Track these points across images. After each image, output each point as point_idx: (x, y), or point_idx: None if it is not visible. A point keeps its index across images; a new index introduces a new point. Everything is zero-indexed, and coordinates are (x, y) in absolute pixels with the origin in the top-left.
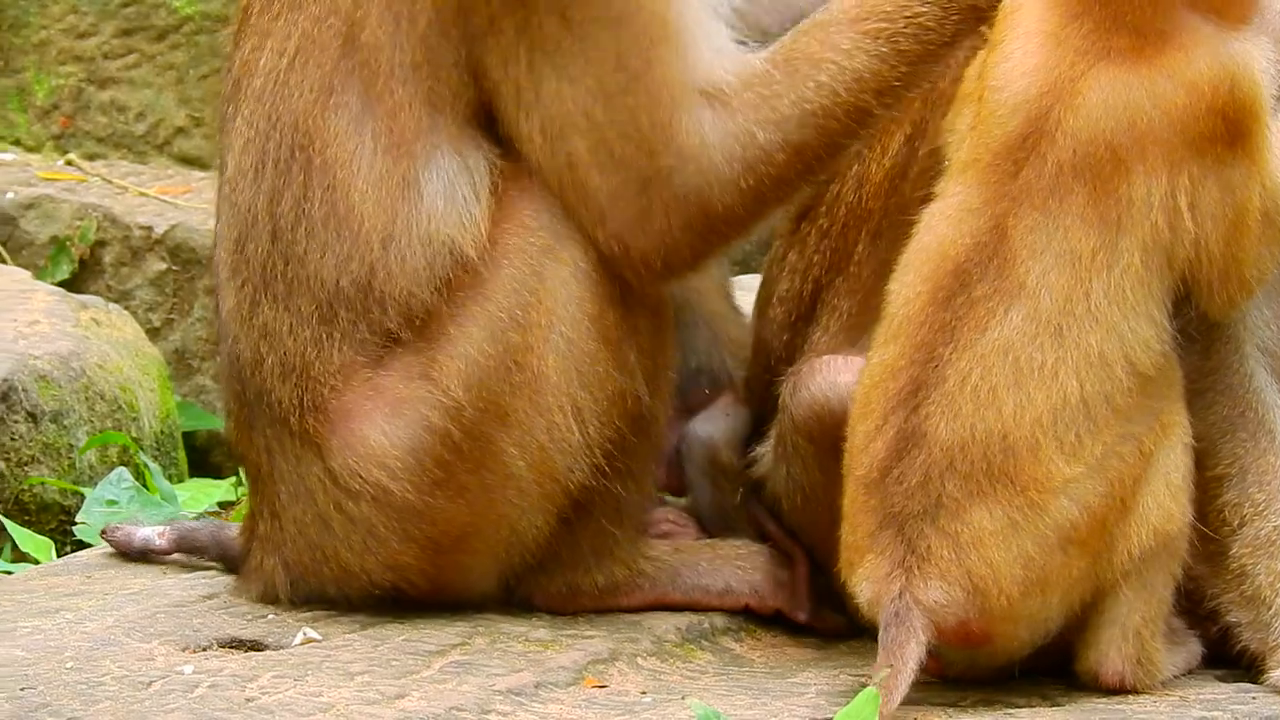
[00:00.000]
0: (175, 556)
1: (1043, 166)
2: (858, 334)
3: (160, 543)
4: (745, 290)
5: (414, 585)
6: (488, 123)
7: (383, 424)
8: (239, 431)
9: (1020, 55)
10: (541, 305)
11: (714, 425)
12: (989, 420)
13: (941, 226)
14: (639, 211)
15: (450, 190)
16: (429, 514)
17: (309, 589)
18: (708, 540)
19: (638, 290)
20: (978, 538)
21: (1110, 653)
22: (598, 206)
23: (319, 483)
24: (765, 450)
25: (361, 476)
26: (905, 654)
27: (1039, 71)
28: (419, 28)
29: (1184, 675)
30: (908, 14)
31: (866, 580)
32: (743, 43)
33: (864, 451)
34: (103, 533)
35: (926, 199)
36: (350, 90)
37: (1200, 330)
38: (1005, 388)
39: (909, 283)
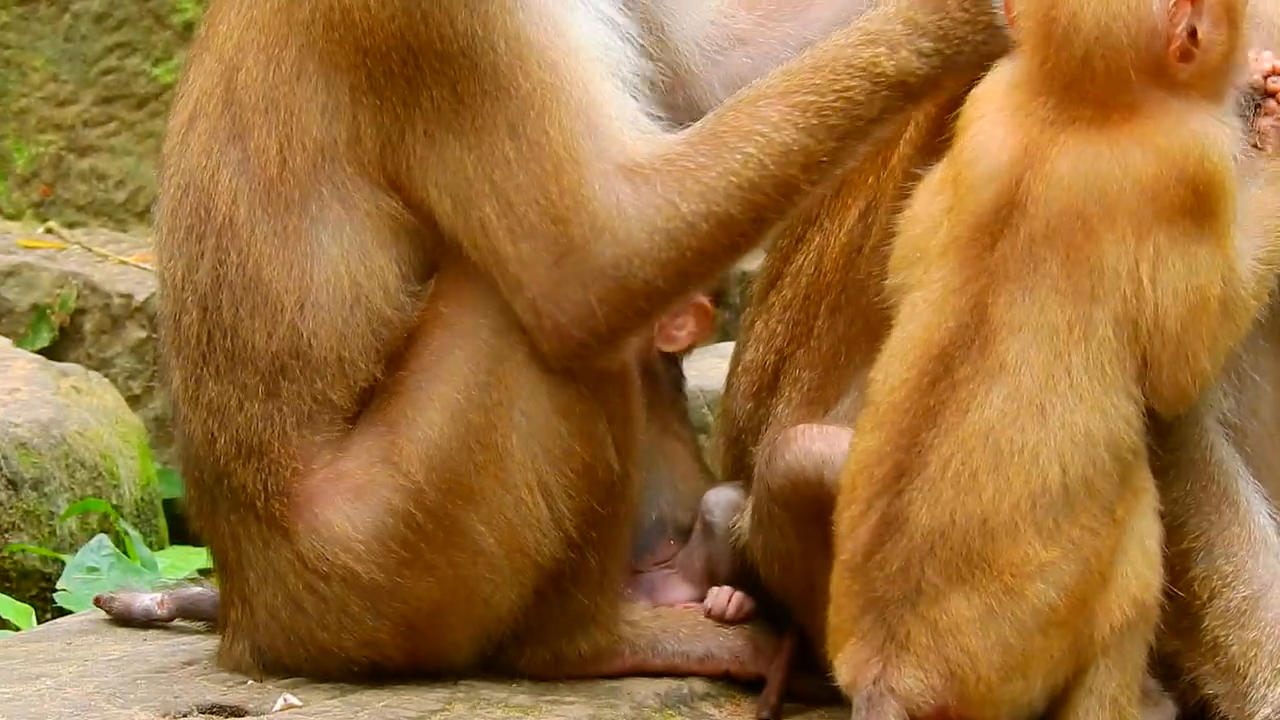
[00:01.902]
0: (138, 621)
1: (1016, 238)
2: (819, 406)
3: (160, 611)
4: (724, 357)
5: (391, 660)
6: (383, 175)
7: (345, 509)
8: (202, 520)
9: (990, 128)
10: (501, 385)
11: (730, 491)
12: (969, 505)
13: (926, 313)
14: (555, 281)
15: (347, 243)
16: (399, 593)
17: (285, 672)
18: (692, 607)
19: (555, 364)
20: (955, 625)
21: None
22: (512, 274)
23: (289, 565)
24: (743, 520)
25: (329, 559)
26: None
27: (1008, 140)
28: (282, 68)
29: None
30: (836, 88)
31: (847, 664)
32: (659, 117)
33: (849, 537)
34: (96, 600)
35: (883, 273)
36: (231, 139)
37: None
38: (985, 471)
39: (894, 371)
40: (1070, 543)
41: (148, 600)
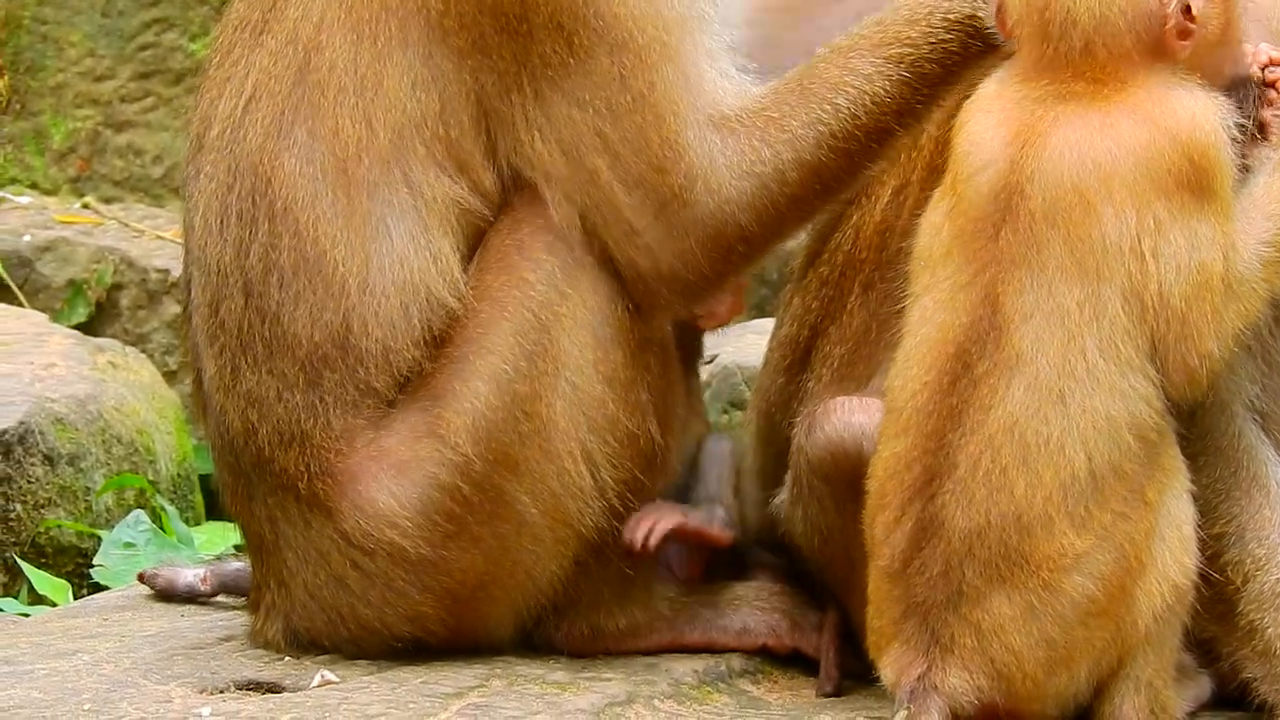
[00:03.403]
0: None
1: (1017, 222)
2: (849, 383)
3: (204, 588)
4: (762, 334)
5: (434, 635)
6: (450, 158)
7: (390, 485)
8: (237, 504)
9: (983, 117)
10: (546, 355)
11: (728, 440)
12: (1002, 503)
13: (938, 314)
14: (664, 229)
15: (414, 228)
16: (444, 565)
17: (320, 651)
18: (725, 582)
19: (667, 307)
20: (999, 625)
21: (1124, 706)
22: (626, 222)
23: (332, 544)
24: (781, 494)
25: (374, 536)
26: None
27: (1002, 125)
28: (378, 44)
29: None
30: (932, 40)
31: (892, 667)
32: (749, 70)
33: (885, 543)
34: (140, 576)
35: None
36: (299, 122)
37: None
38: (1015, 467)
39: (914, 375)
40: (1102, 529)
41: (191, 576)
